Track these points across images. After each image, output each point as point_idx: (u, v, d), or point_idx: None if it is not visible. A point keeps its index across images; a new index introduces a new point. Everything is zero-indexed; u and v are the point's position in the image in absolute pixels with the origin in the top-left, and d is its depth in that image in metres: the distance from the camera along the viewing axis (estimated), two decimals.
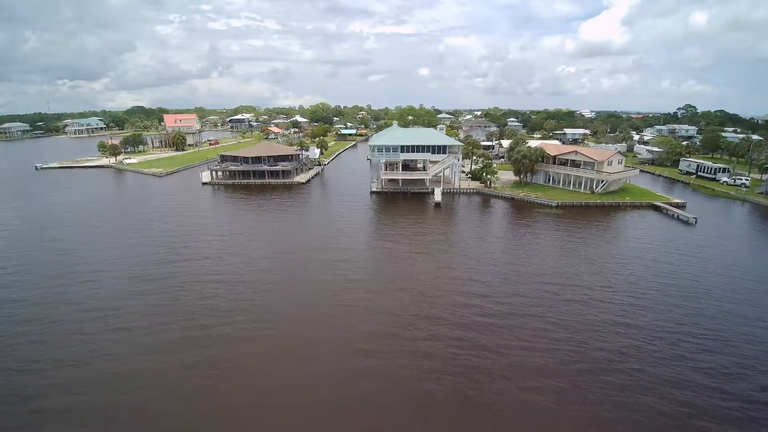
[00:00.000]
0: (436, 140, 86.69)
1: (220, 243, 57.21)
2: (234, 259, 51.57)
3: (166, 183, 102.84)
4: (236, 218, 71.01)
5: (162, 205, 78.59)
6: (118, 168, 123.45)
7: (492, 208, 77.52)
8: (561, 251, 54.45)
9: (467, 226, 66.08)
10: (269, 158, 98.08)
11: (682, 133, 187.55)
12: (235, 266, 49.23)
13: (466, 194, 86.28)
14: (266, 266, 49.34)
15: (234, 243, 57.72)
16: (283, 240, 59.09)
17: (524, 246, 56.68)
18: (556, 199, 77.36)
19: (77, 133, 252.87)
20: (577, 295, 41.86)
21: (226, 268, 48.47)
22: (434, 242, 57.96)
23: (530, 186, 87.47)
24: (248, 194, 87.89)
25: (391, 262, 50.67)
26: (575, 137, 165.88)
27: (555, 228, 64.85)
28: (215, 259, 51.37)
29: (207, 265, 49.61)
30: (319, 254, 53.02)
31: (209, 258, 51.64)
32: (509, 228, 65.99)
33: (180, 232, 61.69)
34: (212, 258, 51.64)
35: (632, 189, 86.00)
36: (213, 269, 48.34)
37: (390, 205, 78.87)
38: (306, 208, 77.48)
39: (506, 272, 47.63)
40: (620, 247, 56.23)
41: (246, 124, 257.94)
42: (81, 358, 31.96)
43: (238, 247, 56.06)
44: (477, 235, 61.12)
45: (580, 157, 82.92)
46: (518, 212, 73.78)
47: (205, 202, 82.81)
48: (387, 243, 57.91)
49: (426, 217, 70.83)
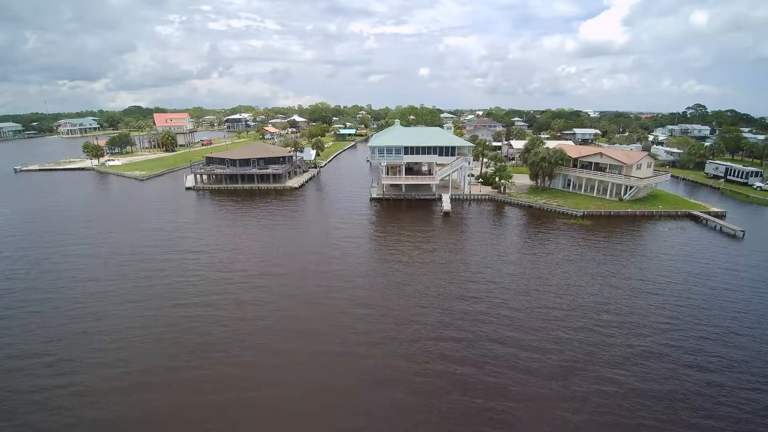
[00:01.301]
0: (444, 141, 76.32)
1: (193, 264, 47.00)
2: (209, 285, 41.41)
3: (147, 187, 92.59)
4: (218, 230, 60.77)
5: (136, 215, 68.37)
6: (100, 170, 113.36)
7: (508, 218, 67.27)
8: (598, 274, 44.23)
9: (484, 242, 55.85)
10: (259, 160, 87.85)
11: (695, 133, 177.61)
12: (209, 296, 39.08)
13: (476, 201, 76.05)
14: (247, 296, 39.17)
15: (211, 263, 47.56)
16: (269, 260, 48.83)
17: (554, 267, 46.43)
18: (581, 208, 67.17)
19: (70, 134, 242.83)
20: (649, 344, 31.76)
21: (198, 301, 38.30)
22: (448, 263, 47.72)
23: (548, 192, 77.28)
24: (235, 201, 77.66)
25: (398, 290, 40.46)
26: (585, 137, 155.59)
27: (585, 243, 54.64)
28: (182, 286, 41.21)
29: (172, 293, 39.48)
30: (310, 282, 42.85)
31: (176, 286, 41.47)
32: (532, 244, 55.75)
33: (147, 252, 51.45)
34: (178, 287, 41.47)
35: (662, 195, 75.80)
36: (181, 299, 38.20)
37: (392, 215, 68.69)
38: (297, 218, 67.22)
39: (540, 303, 37.50)
40: (665, 268, 45.96)
41: (243, 123, 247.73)
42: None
43: (215, 268, 45.89)
44: (497, 253, 50.89)
45: (606, 160, 72.67)
46: (539, 223, 63.56)
47: (186, 210, 72.57)
48: (392, 265, 47.65)
49: (434, 230, 60.62)
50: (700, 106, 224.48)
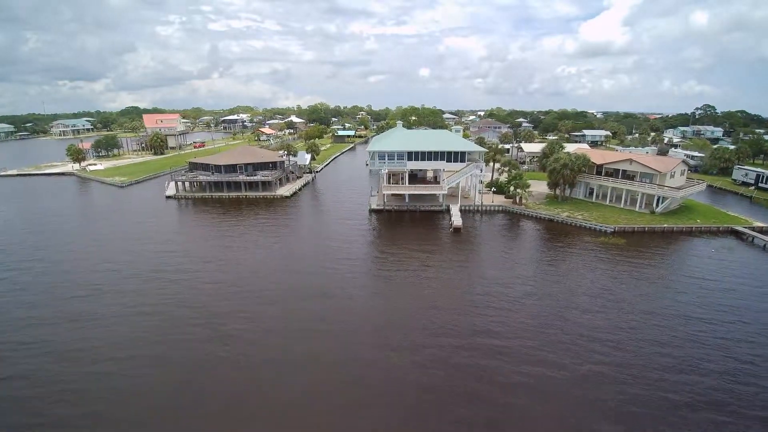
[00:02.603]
0: (453, 145, 66.76)
1: (154, 295, 37.66)
2: (178, 322, 32.10)
3: (126, 195, 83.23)
4: (196, 247, 51.45)
5: (106, 229, 59.03)
6: (80, 175, 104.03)
7: (527, 234, 57.85)
8: (650, 311, 34.89)
9: (503, 266, 46.45)
10: (247, 166, 78.43)
11: (708, 134, 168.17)
12: (182, 332, 29.77)
13: (488, 213, 66.61)
14: (222, 334, 29.86)
15: (183, 289, 38.35)
16: (250, 290, 39.49)
17: (593, 303, 37.07)
18: (610, 223, 57.81)
19: (62, 135, 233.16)
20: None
21: (163, 341, 28.98)
22: (464, 297, 38.41)
23: (569, 202, 67.86)
24: (219, 211, 68.25)
25: (403, 332, 31.17)
26: (595, 139, 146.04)
27: (624, 269, 45.25)
28: (137, 322, 31.88)
29: (117, 335, 30.15)
30: (298, 325, 33.56)
31: (125, 322, 32.13)
32: (561, 271, 46.27)
33: (108, 277, 42.15)
34: (128, 323, 32.12)
35: (695, 207, 66.35)
36: (144, 338, 28.90)
37: (395, 230, 59.36)
38: (286, 234, 57.83)
39: (588, 357, 28.19)
40: (729, 304, 36.56)
41: (239, 124, 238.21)
42: None
43: (178, 301, 36.56)
44: (520, 282, 41.52)
45: (636, 167, 63.25)
46: (564, 241, 54.18)
47: (164, 222, 63.20)
48: (395, 300, 38.35)
49: (443, 250, 51.27)
50: (710, 106, 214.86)
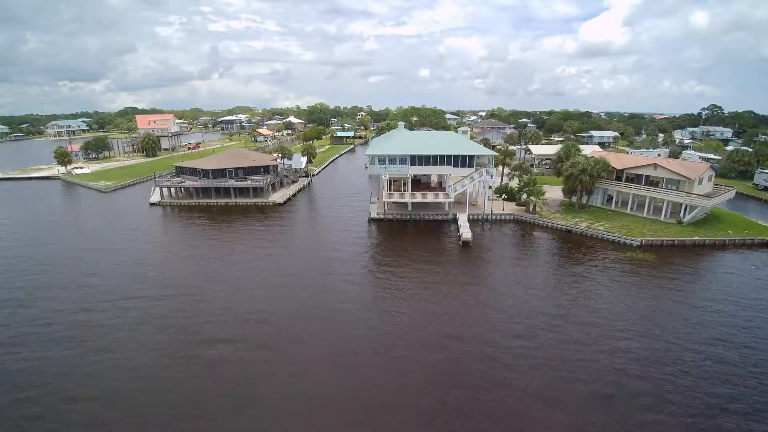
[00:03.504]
0: (461, 148, 60.45)
1: (121, 325, 31.50)
2: (153, 354, 25.96)
3: (108, 201, 77.09)
4: (177, 263, 45.33)
5: (78, 242, 52.88)
6: (65, 179, 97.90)
7: (545, 248, 51.61)
8: (707, 343, 28.73)
9: (523, 292, 40.27)
10: (237, 170, 72.20)
11: (717, 135, 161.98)
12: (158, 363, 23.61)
13: (499, 222, 60.39)
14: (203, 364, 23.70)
15: (163, 314, 32.17)
16: (236, 314, 33.36)
17: (634, 341, 30.92)
18: (635, 235, 51.64)
19: (57, 136, 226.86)
20: None
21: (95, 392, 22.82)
22: (479, 329, 32.28)
23: (586, 210, 61.63)
24: (205, 220, 62.11)
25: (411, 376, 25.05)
26: (603, 140, 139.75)
27: (659, 291, 39.09)
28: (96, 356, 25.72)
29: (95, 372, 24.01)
30: (286, 368, 27.44)
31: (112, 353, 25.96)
32: (589, 294, 40.12)
33: (71, 296, 35.99)
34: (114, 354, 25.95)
35: (723, 216, 60.01)
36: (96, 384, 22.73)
37: (397, 242, 53.19)
38: (277, 245, 51.67)
39: (630, 416, 22.15)
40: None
41: (237, 125, 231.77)
42: None
43: (167, 321, 30.42)
44: (542, 308, 35.39)
45: (662, 173, 56.98)
46: (586, 257, 47.98)
47: (145, 232, 57.02)
48: (400, 340, 32.21)
49: (452, 268, 45.09)
50: (716, 106, 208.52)
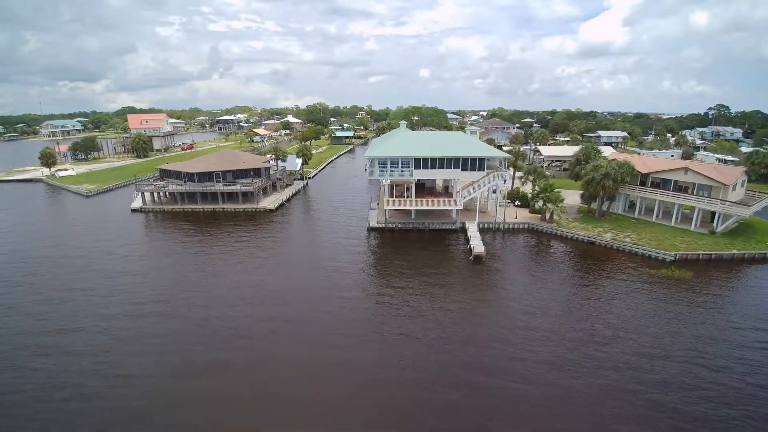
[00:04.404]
0: (470, 150, 54.27)
1: (107, 339, 25.45)
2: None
3: (89, 206, 71.00)
4: (151, 281, 39.26)
5: (40, 254, 46.78)
6: (48, 182, 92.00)
7: (565, 263, 45.43)
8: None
9: (542, 312, 34.19)
10: (226, 174, 66.07)
11: (727, 135, 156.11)
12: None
13: (513, 232, 54.22)
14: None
15: (128, 344, 26.06)
16: (212, 344, 27.33)
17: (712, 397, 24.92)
18: (667, 247, 45.52)
19: (51, 136, 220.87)
20: None
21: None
22: (502, 372, 26.21)
23: (608, 218, 55.55)
24: (189, 228, 56.02)
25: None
26: (611, 140, 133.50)
27: (706, 317, 33.06)
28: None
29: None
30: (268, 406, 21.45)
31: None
32: (628, 324, 34.06)
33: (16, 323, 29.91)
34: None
35: (756, 224, 53.77)
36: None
37: (399, 255, 47.05)
38: (265, 259, 45.58)
39: None
40: None
41: (235, 125, 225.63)
42: None
43: (134, 347, 24.35)
44: (572, 342, 29.35)
45: (693, 178, 50.83)
46: (616, 274, 41.86)
47: (123, 243, 50.81)
48: (403, 379, 26.14)
49: (463, 289, 38.97)
50: (723, 106, 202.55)
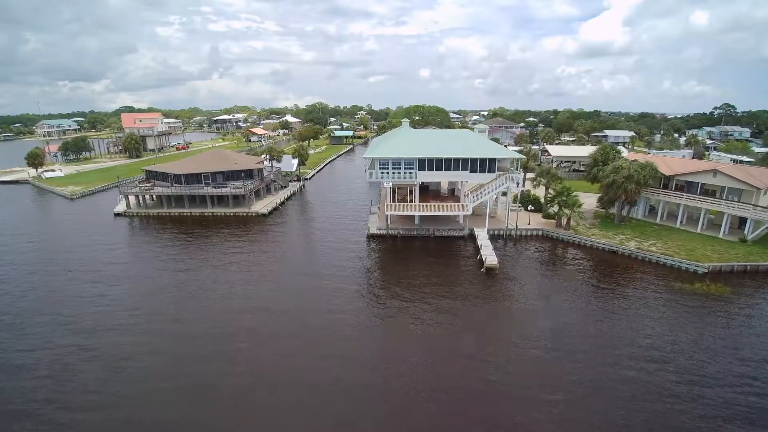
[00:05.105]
0: (479, 150, 49.55)
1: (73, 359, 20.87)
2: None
3: (72, 210, 66.35)
4: (126, 296, 34.64)
5: (13, 262, 42.14)
6: (34, 183, 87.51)
7: (586, 276, 40.72)
8: None
9: (570, 336, 29.61)
10: (216, 175, 61.43)
11: (736, 135, 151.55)
12: None
13: (526, 240, 49.49)
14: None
15: (82, 366, 21.47)
16: (195, 375, 22.76)
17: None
18: (698, 258, 40.88)
19: (47, 135, 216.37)
20: None
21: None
22: (524, 416, 21.61)
23: (628, 224, 50.90)
24: (175, 235, 51.43)
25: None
26: (618, 140, 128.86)
27: (744, 337, 28.44)
28: None
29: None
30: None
31: None
32: (656, 339, 29.44)
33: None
34: None
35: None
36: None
37: (402, 265, 42.43)
38: (254, 270, 40.98)
39: None
40: None
41: (233, 124, 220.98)
42: None
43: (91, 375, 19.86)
44: (604, 375, 24.73)
45: (722, 180, 46.18)
46: (641, 288, 37.24)
47: (102, 252, 46.26)
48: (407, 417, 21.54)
49: (475, 306, 34.34)
50: (729, 105, 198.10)
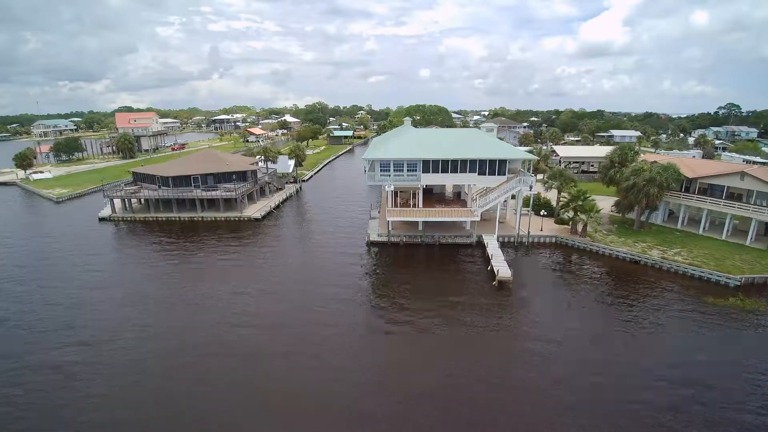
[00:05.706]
0: (488, 150, 45.71)
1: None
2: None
3: (55, 214, 62.64)
4: (99, 313, 30.88)
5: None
6: (21, 185, 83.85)
7: (607, 289, 36.91)
8: None
9: (596, 362, 25.86)
10: (206, 177, 57.66)
11: (743, 135, 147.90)
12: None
13: (538, 247, 45.66)
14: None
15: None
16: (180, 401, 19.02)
17: None
18: (728, 269, 37.15)
19: (43, 136, 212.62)
20: None
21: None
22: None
23: (648, 230, 47.12)
24: (161, 241, 47.65)
25: None
26: (624, 140, 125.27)
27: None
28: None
29: None
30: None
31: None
32: (689, 363, 25.70)
33: None
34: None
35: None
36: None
37: (405, 277, 38.65)
38: (243, 281, 37.21)
39: None
40: None
41: (231, 124, 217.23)
42: None
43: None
44: (634, 413, 21.00)
45: (750, 184, 42.40)
46: (669, 304, 33.47)
47: (80, 258, 42.54)
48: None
49: (487, 329, 30.64)
50: (734, 105, 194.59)
